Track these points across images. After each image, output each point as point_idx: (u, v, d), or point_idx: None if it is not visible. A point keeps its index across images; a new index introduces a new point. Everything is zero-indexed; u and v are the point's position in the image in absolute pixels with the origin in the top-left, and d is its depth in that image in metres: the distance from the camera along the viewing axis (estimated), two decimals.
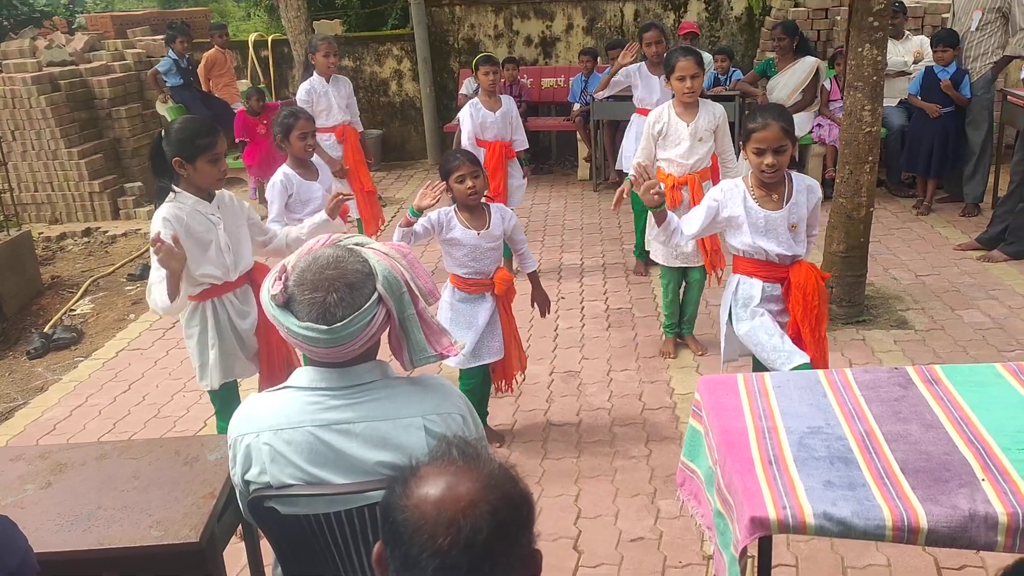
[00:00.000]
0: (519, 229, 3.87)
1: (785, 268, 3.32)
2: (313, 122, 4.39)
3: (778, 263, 3.32)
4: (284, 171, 4.26)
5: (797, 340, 3.28)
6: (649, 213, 3.41)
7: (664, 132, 4.61)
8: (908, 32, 7.86)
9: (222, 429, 3.63)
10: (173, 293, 2.96)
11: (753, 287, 3.36)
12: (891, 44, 7.52)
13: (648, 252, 6.14)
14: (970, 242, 6.25)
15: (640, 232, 6.02)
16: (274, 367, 3.41)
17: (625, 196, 4.49)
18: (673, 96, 4.62)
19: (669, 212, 3.36)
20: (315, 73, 6.17)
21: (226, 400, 3.49)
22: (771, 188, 3.27)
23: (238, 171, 8.07)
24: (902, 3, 7.87)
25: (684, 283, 4.78)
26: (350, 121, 6.36)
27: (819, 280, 3.32)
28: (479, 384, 3.85)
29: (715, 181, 4.54)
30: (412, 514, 1.23)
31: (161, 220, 3.07)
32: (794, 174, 3.32)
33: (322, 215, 3.69)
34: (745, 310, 3.37)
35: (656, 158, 4.70)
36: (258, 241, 3.51)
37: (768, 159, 3.14)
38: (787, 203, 3.26)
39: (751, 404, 2.49)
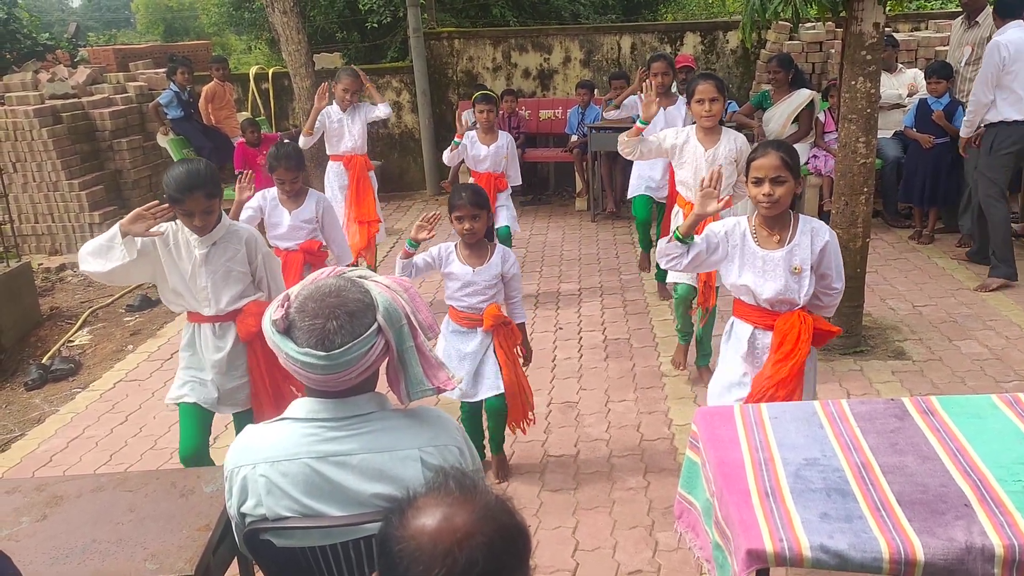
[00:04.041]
0: (517, 279, 3.86)
1: (777, 315, 3.12)
2: (293, 172, 4.52)
3: (770, 309, 3.13)
4: (268, 192, 4.65)
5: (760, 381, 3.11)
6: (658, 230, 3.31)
7: (679, 150, 4.56)
8: (901, 65, 7.94)
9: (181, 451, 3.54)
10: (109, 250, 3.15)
11: (743, 331, 3.22)
12: (885, 77, 7.60)
13: (649, 241, 6.35)
14: (989, 281, 6.13)
15: (641, 226, 6.35)
16: (263, 403, 3.42)
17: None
18: (693, 122, 4.62)
19: (696, 236, 3.18)
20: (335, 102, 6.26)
21: (183, 422, 3.53)
22: (773, 227, 3.11)
23: None
24: (893, 37, 7.96)
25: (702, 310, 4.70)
26: (363, 150, 6.33)
27: (804, 331, 3.05)
28: (470, 416, 3.92)
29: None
30: (408, 545, 1.23)
31: (163, 227, 3.27)
32: (802, 216, 3.17)
33: None
34: (732, 354, 3.26)
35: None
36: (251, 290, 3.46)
37: (766, 188, 3.01)
38: (788, 243, 3.09)
39: (747, 435, 2.50)
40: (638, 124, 4.60)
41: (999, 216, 6.11)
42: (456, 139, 5.78)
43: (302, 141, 6.08)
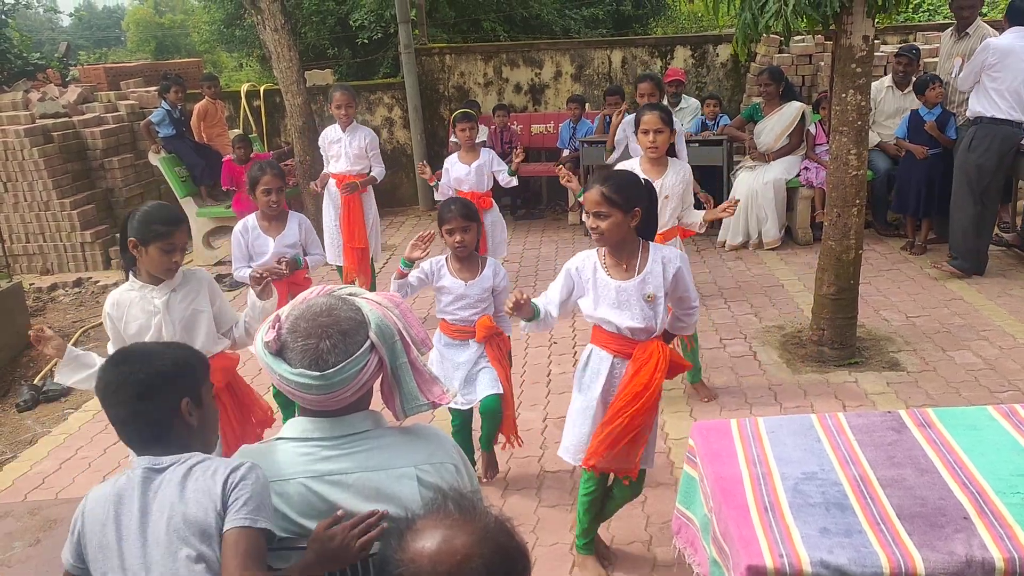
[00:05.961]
0: (506, 293, 3.82)
1: (636, 343, 3.07)
2: (279, 178, 4.36)
3: (630, 337, 3.08)
4: (246, 221, 4.46)
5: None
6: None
7: None
8: (914, 78, 7.81)
9: None
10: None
11: (603, 361, 3.15)
12: (893, 95, 7.60)
13: None
14: (945, 266, 6.56)
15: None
16: (229, 445, 3.33)
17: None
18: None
19: (537, 305, 3.17)
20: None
21: None
22: (620, 257, 3.08)
23: (228, 219, 8.09)
24: (916, 48, 7.76)
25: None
26: (358, 172, 6.27)
27: (662, 361, 3.02)
28: (461, 427, 3.88)
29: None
30: (407, 568, 1.23)
31: (104, 311, 3.21)
32: (653, 245, 3.13)
33: (253, 298, 3.47)
34: (590, 382, 3.19)
35: None
36: (222, 333, 3.37)
37: (590, 222, 3.02)
38: (640, 273, 3.05)
39: (745, 450, 2.49)
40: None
41: (966, 213, 6.37)
42: (436, 192, 5.67)
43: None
